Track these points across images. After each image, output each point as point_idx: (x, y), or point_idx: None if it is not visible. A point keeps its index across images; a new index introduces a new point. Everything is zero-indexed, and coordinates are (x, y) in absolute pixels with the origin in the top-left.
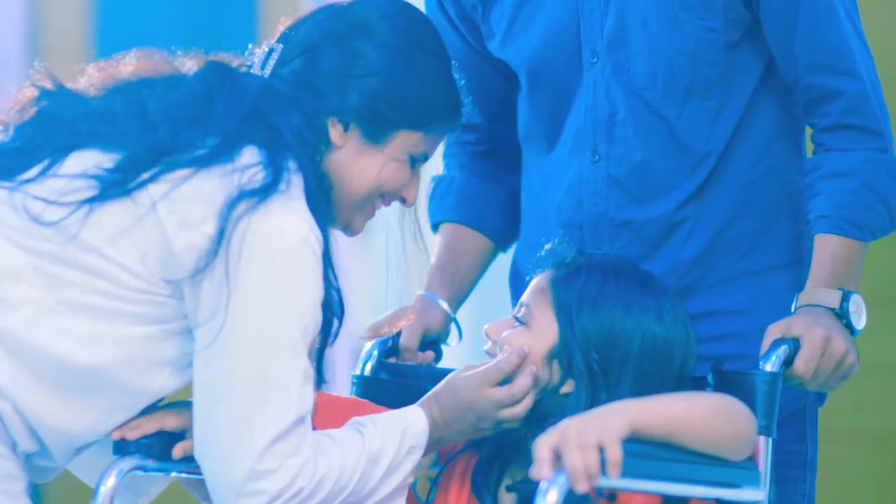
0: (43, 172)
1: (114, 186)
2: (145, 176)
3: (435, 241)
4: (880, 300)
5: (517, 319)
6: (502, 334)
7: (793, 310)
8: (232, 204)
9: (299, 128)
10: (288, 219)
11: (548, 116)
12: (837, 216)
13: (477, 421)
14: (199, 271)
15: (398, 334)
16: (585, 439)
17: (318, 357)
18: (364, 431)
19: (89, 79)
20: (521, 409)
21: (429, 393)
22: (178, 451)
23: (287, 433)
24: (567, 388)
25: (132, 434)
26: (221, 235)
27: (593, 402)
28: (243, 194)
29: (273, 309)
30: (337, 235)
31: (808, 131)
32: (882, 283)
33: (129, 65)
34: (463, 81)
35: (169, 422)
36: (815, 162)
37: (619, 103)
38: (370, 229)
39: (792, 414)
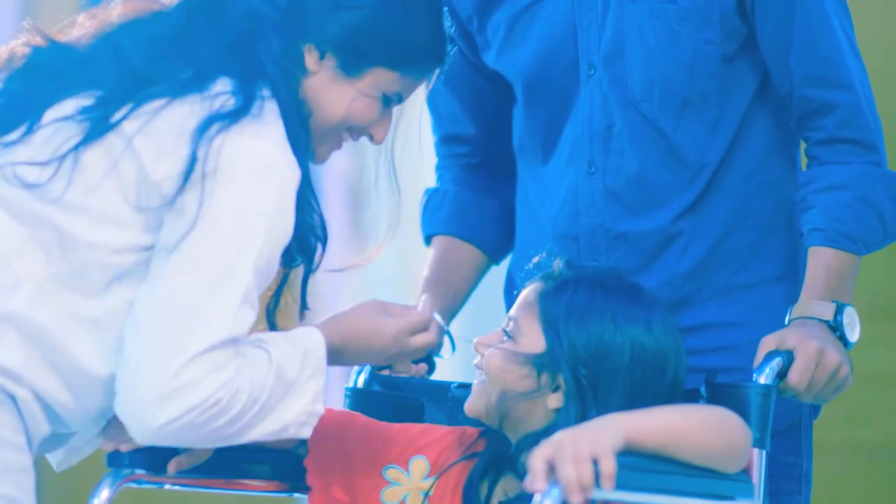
0: (27, 132)
1: (97, 123)
2: (123, 111)
3: (428, 254)
4: (873, 312)
5: (505, 333)
6: (488, 349)
7: (786, 322)
8: (204, 127)
9: (279, 55)
10: (259, 142)
11: (544, 128)
12: (832, 229)
13: (378, 359)
14: (177, 194)
15: None
16: (579, 451)
17: (303, 284)
18: (268, 348)
19: (80, 28)
20: (422, 355)
21: (332, 318)
22: (172, 466)
23: (219, 347)
24: (555, 402)
25: (126, 447)
26: (195, 155)
27: (583, 417)
28: (214, 117)
29: (233, 228)
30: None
31: (803, 145)
32: (875, 294)
33: (116, 9)
34: (454, 28)
35: None
36: (809, 175)
37: (616, 115)
38: None
39: (787, 426)
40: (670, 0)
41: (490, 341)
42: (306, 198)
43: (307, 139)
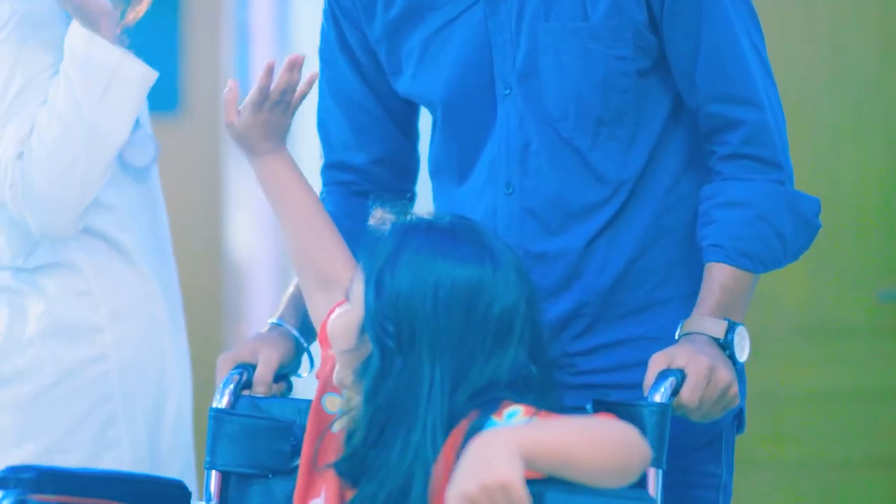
0: None
1: None
2: None
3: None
4: (800, 330)
5: (346, 298)
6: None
7: (676, 337)
8: None
9: None
10: None
11: (461, 149)
12: (730, 246)
13: None
14: None
15: (253, 367)
16: (491, 495)
17: None
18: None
19: None
20: None
21: None
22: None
23: None
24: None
25: None
26: None
27: (389, 369)
28: None
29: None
30: None
31: None
32: (801, 314)
33: None
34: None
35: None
36: (712, 190)
37: (533, 134)
38: None
39: (709, 440)
40: (582, 17)
41: (340, 307)
42: None
43: None
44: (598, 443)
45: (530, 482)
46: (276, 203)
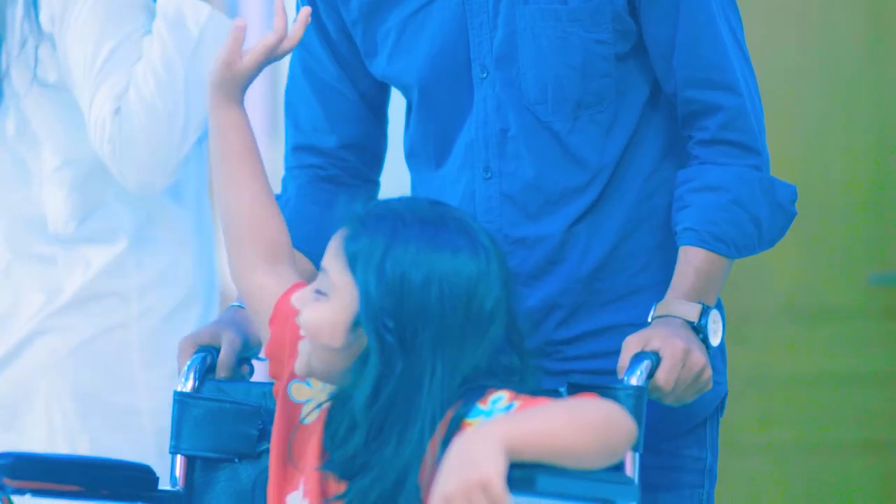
0: None
1: None
2: None
3: None
4: (790, 313)
5: (318, 290)
6: (304, 307)
7: (650, 319)
8: None
9: None
10: None
11: (437, 132)
12: (704, 230)
13: None
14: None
15: (218, 349)
16: (470, 495)
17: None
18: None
19: None
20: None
21: None
22: None
23: None
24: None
25: None
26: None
27: (390, 370)
28: None
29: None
30: None
31: None
32: (789, 297)
33: None
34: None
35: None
36: (688, 174)
37: (511, 119)
38: None
39: (694, 424)
40: (561, 0)
41: (305, 297)
42: None
43: None
44: (582, 426)
45: (520, 465)
46: (232, 158)
